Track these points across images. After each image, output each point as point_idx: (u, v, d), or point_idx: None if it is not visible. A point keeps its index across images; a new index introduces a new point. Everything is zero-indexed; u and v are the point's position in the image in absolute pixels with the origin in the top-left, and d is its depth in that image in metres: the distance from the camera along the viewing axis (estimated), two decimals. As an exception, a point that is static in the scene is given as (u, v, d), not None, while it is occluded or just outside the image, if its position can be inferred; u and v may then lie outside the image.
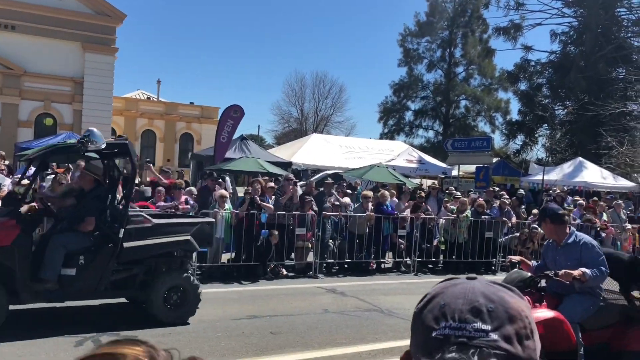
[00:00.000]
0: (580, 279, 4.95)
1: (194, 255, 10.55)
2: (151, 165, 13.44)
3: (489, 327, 0.88)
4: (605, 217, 15.24)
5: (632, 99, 26.76)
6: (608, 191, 22.85)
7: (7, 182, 10.19)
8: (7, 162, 13.41)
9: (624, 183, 23.09)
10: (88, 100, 27.34)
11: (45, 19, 26.25)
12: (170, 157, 37.20)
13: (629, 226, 15.09)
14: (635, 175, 26.80)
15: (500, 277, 12.41)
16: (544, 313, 4.82)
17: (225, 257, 11.30)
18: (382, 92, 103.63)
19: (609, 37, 33.06)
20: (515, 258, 6.09)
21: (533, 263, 5.73)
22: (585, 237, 5.48)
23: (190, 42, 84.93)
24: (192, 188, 12.57)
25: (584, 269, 5.02)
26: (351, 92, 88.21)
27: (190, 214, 10.61)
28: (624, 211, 16.01)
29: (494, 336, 0.88)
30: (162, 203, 10.70)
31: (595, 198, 17.46)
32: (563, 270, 5.07)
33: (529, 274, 5.37)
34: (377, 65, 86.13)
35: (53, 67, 27.02)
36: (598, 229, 14.38)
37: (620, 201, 16.80)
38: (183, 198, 10.80)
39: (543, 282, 5.44)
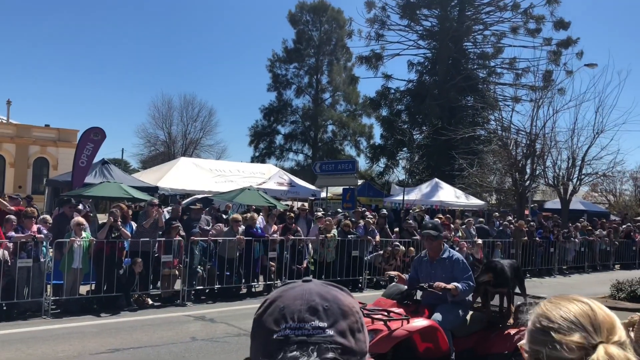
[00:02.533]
0: (452, 292, 5.45)
1: (49, 287, 9.79)
2: None
3: (325, 324, 0.95)
4: (460, 233, 16.49)
5: (480, 124, 29.37)
6: (462, 209, 24.78)
7: None
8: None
9: (475, 202, 25.16)
10: None
11: None
12: (22, 183, 34.23)
13: (479, 241, 16.43)
14: (485, 194, 29.37)
15: (367, 294, 12.89)
16: (421, 322, 5.23)
17: (84, 288, 10.56)
18: (253, 116, 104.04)
19: (459, 68, 36.15)
20: (393, 273, 6.37)
21: (406, 276, 6.10)
22: (457, 254, 5.94)
23: (45, 61, 79.29)
24: (47, 216, 11.64)
25: (456, 284, 5.52)
26: (221, 115, 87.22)
27: (44, 243, 9.81)
28: (474, 227, 17.43)
29: (330, 332, 0.94)
30: (13, 233, 9.77)
31: (449, 215, 18.82)
32: (437, 282, 5.55)
33: (406, 287, 5.73)
34: (247, 89, 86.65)
35: None
36: (452, 244, 15.53)
37: (470, 219, 18.28)
38: (35, 227, 9.94)
39: (419, 295, 5.85)
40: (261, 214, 15.34)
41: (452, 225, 16.69)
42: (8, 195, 13.58)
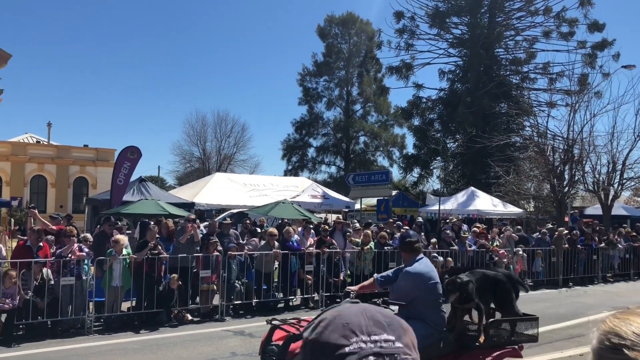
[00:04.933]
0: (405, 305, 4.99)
1: (91, 304, 9.97)
2: (35, 211, 12.44)
3: (393, 337, 1.00)
4: (497, 242, 16.17)
5: (514, 131, 28.91)
6: (499, 217, 24.34)
7: None
8: None
9: (512, 209, 24.70)
10: (-32, 146, 25.38)
11: None
12: (63, 202, 35.16)
13: (520, 251, 16.07)
14: (522, 201, 28.80)
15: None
16: None
17: (125, 305, 10.72)
18: (285, 129, 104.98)
19: (491, 75, 35.70)
20: (352, 288, 5.62)
21: (377, 276, 5.64)
22: (415, 267, 5.24)
23: (82, 83, 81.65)
24: (87, 235, 11.87)
25: (376, 275, 5.53)
26: (254, 130, 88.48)
27: (85, 261, 10.02)
28: (514, 236, 17.05)
29: (399, 344, 1.00)
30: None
31: (480, 224, 18.47)
32: (359, 285, 5.54)
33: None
34: (279, 103, 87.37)
35: None
36: (491, 253, 15.26)
37: (508, 227, 17.92)
38: (76, 246, 10.15)
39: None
40: (300, 227, 15.34)
41: (489, 235, 16.39)
42: (49, 215, 13.92)
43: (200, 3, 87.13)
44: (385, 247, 13.58)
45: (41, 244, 9.99)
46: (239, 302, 11.88)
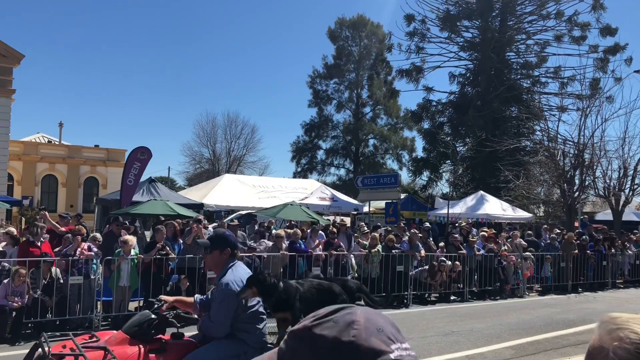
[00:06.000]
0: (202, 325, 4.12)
1: (99, 304, 10.03)
2: (46, 212, 12.56)
3: (409, 345, 1.01)
4: (506, 246, 16.07)
5: (525, 135, 28.78)
6: (508, 222, 24.22)
7: None
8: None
9: (522, 214, 24.55)
10: (-19, 145, 25.64)
11: None
12: (74, 202, 35.41)
13: (530, 255, 15.95)
14: (532, 206, 28.65)
15: (413, 310, 12.70)
16: None
17: (132, 305, 10.77)
18: (294, 132, 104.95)
19: (502, 79, 35.59)
20: (166, 298, 4.38)
21: (197, 297, 4.42)
22: (228, 277, 4.10)
23: (93, 84, 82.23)
24: (97, 234, 11.96)
25: (198, 296, 4.37)
26: (263, 132, 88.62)
27: (94, 261, 10.08)
28: (521, 240, 16.92)
29: (413, 352, 1.00)
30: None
31: (489, 229, 18.38)
32: (174, 298, 4.40)
33: (153, 316, 4.10)
34: (288, 105, 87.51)
35: (-60, 109, 25.19)
36: (500, 257, 15.17)
37: (516, 232, 17.82)
38: (85, 245, 10.23)
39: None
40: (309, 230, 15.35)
41: (498, 239, 16.30)
42: (59, 215, 14.03)
43: (210, 8, 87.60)
44: (393, 250, 13.55)
45: (42, 238, 10.11)
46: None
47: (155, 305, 4.23)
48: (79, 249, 9.97)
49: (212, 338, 4.06)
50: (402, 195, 28.16)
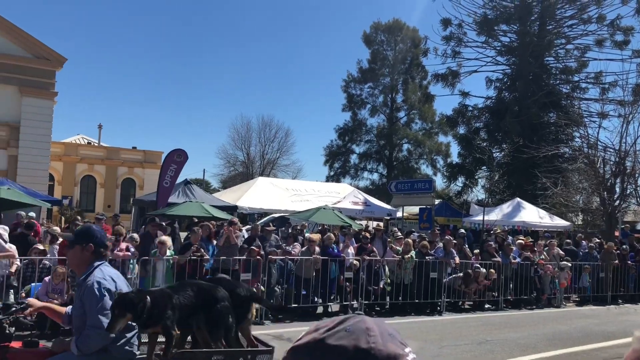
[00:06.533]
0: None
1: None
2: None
3: None
4: (543, 255, 15.72)
5: (563, 141, 28.15)
6: (545, 230, 23.71)
7: None
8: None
9: (560, 222, 24.00)
10: (24, 146, 26.40)
11: (-20, 63, 25.48)
12: (111, 203, 36.18)
13: (568, 265, 15.55)
14: (570, 214, 27.98)
15: (446, 317, 12.53)
16: None
17: (167, 305, 10.92)
18: (328, 135, 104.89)
19: (540, 84, 34.90)
20: (33, 302, 3.84)
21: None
22: (97, 275, 3.58)
23: (133, 86, 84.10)
24: (135, 235, 12.20)
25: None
26: (297, 135, 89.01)
27: (130, 261, 10.28)
28: (559, 250, 16.51)
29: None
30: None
31: (526, 237, 17.99)
32: (43, 304, 3.91)
33: None
34: (322, 109, 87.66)
35: (-13, 111, 26.11)
36: (536, 266, 14.86)
37: (553, 240, 17.41)
38: (124, 245, 10.44)
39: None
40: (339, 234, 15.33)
41: (535, 247, 15.98)
42: (95, 216, 14.34)
43: (248, 16, 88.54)
44: (427, 257, 13.41)
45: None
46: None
47: (13, 309, 3.66)
48: (117, 249, 10.18)
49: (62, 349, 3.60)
50: (437, 201, 27.88)
